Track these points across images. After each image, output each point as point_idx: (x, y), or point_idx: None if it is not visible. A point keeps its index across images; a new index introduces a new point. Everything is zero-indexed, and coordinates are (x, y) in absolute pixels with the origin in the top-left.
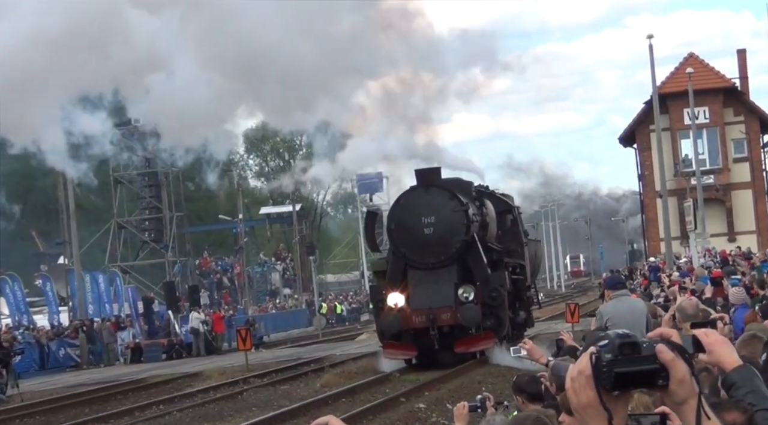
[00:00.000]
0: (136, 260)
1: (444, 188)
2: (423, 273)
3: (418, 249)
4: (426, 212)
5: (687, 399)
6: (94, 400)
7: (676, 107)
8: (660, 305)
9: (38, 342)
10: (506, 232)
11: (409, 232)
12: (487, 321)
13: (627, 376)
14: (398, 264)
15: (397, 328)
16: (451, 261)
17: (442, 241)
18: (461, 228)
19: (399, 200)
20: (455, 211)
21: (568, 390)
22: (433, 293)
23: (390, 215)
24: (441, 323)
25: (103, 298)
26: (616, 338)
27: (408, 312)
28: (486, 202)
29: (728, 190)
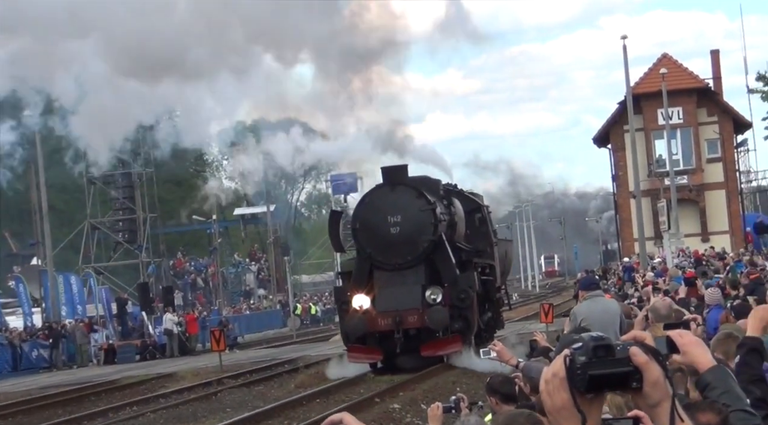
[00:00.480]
0: (109, 261)
1: (411, 187)
2: (389, 274)
3: (383, 249)
4: (392, 211)
5: (661, 402)
6: (68, 401)
7: (649, 107)
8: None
9: (11, 343)
10: (475, 232)
11: (374, 232)
12: (455, 324)
13: (601, 378)
14: (363, 265)
15: (362, 331)
16: (418, 262)
17: (409, 241)
18: (428, 228)
19: (364, 198)
20: (422, 210)
21: (542, 393)
22: (399, 295)
23: (355, 215)
24: (407, 325)
25: (76, 299)
26: (590, 340)
27: (373, 315)
28: (454, 201)
29: (702, 190)
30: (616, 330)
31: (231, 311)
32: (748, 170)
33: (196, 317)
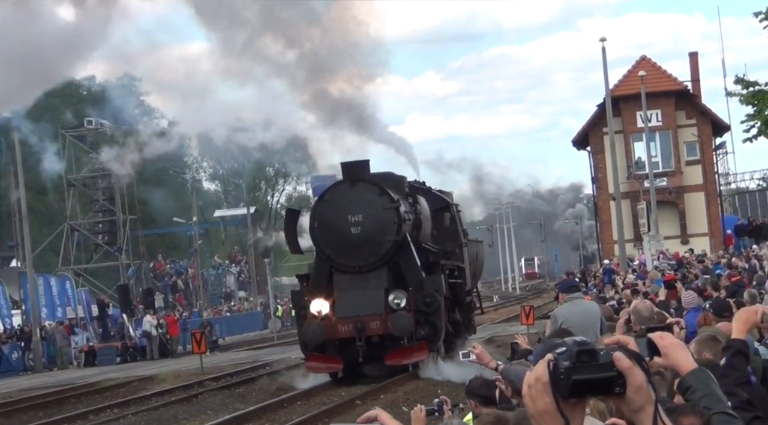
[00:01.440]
0: (89, 263)
1: (373, 183)
2: (350, 277)
3: (344, 251)
4: (353, 209)
5: (644, 406)
6: (48, 404)
7: (628, 109)
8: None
9: None
10: (443, 232)
11: (334, 232)
12: (420, 330)
13: (584, 383)
14: (322, 267)
15: (321, 338)
16: (381, 264)
17: (371, 241)
18: (392, 227)
19: (323, 196)
20: (385, 208)
21: (525, 397)
22: (361, 300)
23: (313, 213)
24: (370, 332)
25: (56, 301)
26: (574, 345)
27: (333, 321)
28: (419, 199)
29: (681, 192)
30: (596, 332)
31: (212, 313)
32: (727, 172)
33: (176, 320)
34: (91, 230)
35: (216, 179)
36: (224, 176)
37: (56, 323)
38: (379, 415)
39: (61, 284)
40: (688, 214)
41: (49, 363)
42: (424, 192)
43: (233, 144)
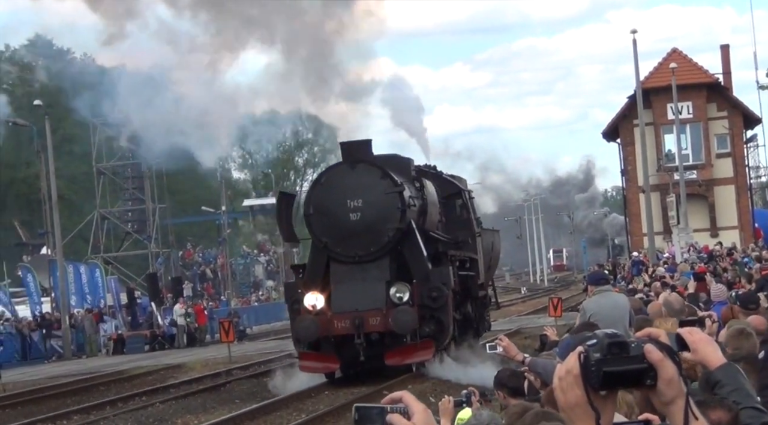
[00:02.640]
0: (118, 251)
1: (374, 165)
2: (348, 268)
3: (342, 239)
4: (352, 193)
5: (675, 399)
6: (77, 391)
7: (659, 102)
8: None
9: (20, 332)
10: (454, 220)
11: (331, 218)
12: (425, 327)
13: (615, 376)
14: (319, 257)
15: (315, 335)
16: (383, 254)
17: (372, 229)
18: (395, 213)
19: (319, 178)
20: (388, 193)
21: (555, 389)
22: (359, 293)
23: (308, 198)
24: (369, 329)
25: (85, 289)
26: (605, 337)
27: (328, 316)
28: (426, 183)
29: (711, 185)
30: (625, 325)
31: (239, 302)
32: (758, 165)
33: (203, 308)
34: (120, 218)
35: (245, 169)
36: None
37: (85, 310)
38: (404, 397)
39: (90, 272)
40: (717, 207)
41: (77, 350)
42: (434, 177)
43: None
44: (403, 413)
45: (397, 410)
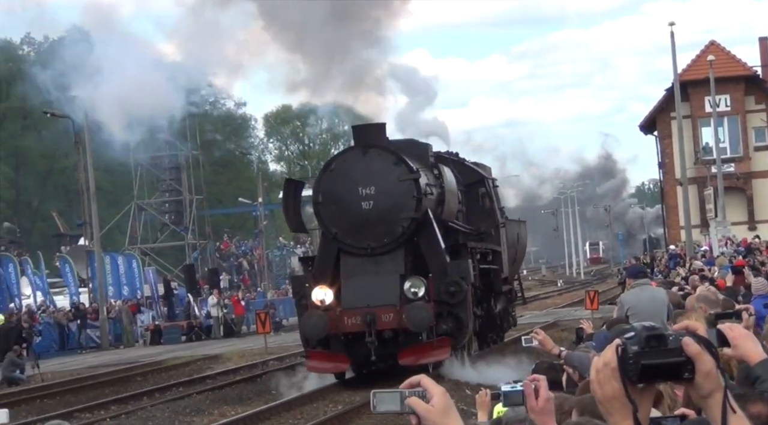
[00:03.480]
0: (155, 243)
1: (388, 150)
2: (360, 261)
3: (353, 229)
4: (364, 180)
5: (713, 393)
6: (114, 381)
7: (697, 94)
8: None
9: (58, 323)
10: (476, 209)
11: (341, 207)
12: (442, 324)
13: (653, 368)
14: (328, 249)
15: (323, 333)
16: (397, 245)
17: (385, 219)
18: (410, 202)
19: (329, 164)
20: (402, 180)
21: (592, 382)
22: (371, 288)
23: (317, 185)
24: (381, 326)
25: (123, 280)
26: (643, 330)
27: (338, 312)
28: (444, 170)
29: (749, 178)
30: (663, 319)
31: (276, 294)
32: None
33: (239, 300)
34: (157, 209)
35: (282, 161)
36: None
37: (122, 301)
38: (422, 380)
39: (127, 263)
40: (756, 200)
41: (115, 341)
42: (455, 164)
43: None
44: (422, 396)
45: (416, 394)
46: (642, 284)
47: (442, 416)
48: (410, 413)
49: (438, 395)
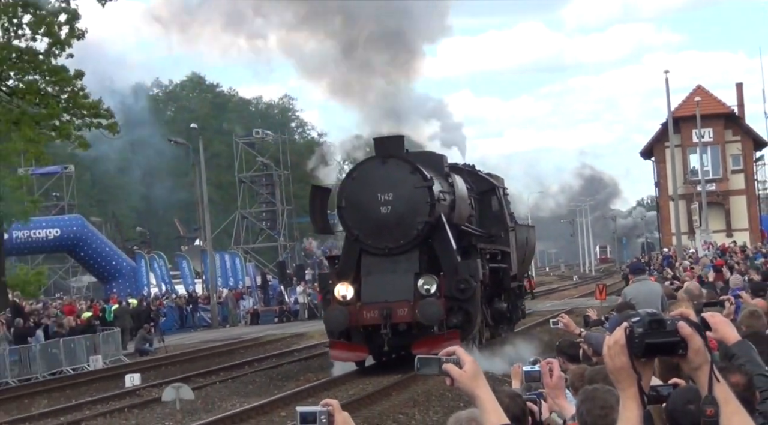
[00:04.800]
0: (254, 244)
1: (404, 160)
2: (378, 260)
3: (372, 231)
4: (383, 187)
5: (701, 366)
6: (222, 353)
7: (686, 128)
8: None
9: (179, 307)
10: (488, 215)
11: (362, 211)
12: (452, 318)
13: (655, 346)
14: (352, 249)
15: (344, 325)
16: (413, 246)
17: (402, 222)
18: (424, 207)
19: (351, 173)
20: (417, 187)
21: (604, 356)
22: (388, 285)
23: (341, 191)
24: (397, 319)
25: (229, 273)
26: (646, 315)
27: (358, 306)
28: (456, 178)
29: (727, 195)
30: (658, 307)
31: None
32: (765, 179)
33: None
34: (256, 217)
35: None
36: None
37: (228, 290)
38: (456, 350)
39: (232, 259)
40: (732, 213)
41: (222, 321)
42: (469, 174)
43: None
44: (456, 363)
45: (451, 361)
46: (642, 279)
47: (472, 379)
48: (446, 375)
49: (469, 363)
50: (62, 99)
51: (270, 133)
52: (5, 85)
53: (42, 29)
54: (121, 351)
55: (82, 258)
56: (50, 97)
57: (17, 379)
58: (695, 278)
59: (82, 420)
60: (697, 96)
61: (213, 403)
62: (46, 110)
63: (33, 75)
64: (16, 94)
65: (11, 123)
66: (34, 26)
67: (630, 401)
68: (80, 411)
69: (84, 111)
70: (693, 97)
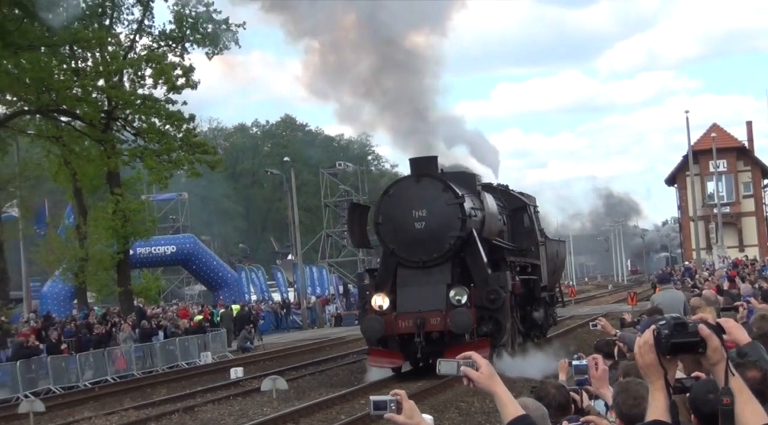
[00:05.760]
0: (338, 258)
1: (437, 179)
2: (413, 272)
3: (407, 246)
4: (417, 204)
5: (719, 362)
6: (311, 350)
7: (704, 159)
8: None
9: (274, 311)
10: (520, 230)
11: (398, 227)
12: (483, 327)
13: (679, 345)
14: (388, 262)
15: (380, 333)
16: (445, 259)
17: (435, 237)
18: (456, 223)
19: (388, 190)
20: (449, 204)
21: (636, 354)
22: (422, 295)
23: (378, 208)
24: (430, 328)
25: (316, 283)
26: (671, 319)
27: (393, 316)
28: (485, 196)
29: (739, 217)
30: (681, 312)
31: None
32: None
33: None
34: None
35: None
36: None
37: (316, 297)
38: (472, 356)
39: (319, 271)
40: (744, 231)
41: (311, 323)
42: (503, 193)
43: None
44: (472, 366)
45: (468, 364)
46: (667, 288)
47: (488, 379)
48: (464, 377)
49: (484, 365)
50: (177, 138)
51: (350, 165)
52: (131, 126)
53: (161, 79)
54: (226, 349)
55: (194, 270)
56: (167, 137)
57: (141, 372)
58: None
59: (194, 406)
60: (713, 132)
61: (303, 392)
62: (164, 147)
63: (153, 118)
64: (140, 133)
65: (136, 157)
66: (155, 77)
67: (658, 392)
68: (193, 399)
69: (195, 148)
70: (709, 133)
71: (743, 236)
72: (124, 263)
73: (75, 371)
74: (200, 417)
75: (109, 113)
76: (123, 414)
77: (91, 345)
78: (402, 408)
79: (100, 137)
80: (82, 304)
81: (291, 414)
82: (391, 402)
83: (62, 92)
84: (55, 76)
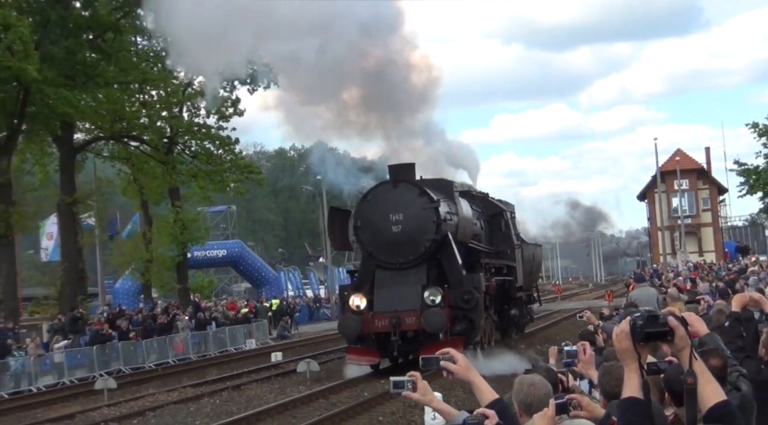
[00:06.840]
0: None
1: (413, 184)
2: (390, 274)
3: (385, 248)
4: (394, 209)
5: (684, 348)
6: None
7: (670, 179)
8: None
9: (308, 305)
10: (497, 235)
11: (375, 230)
12: (457, 326)
13: (651, 334)
14: (367, 264)
15: (356, 332)
16: (421, 261)
17: (411, 240)
18: (430, 226)
19: (366, 196)
20: (425, 208)
21: (614, 341)
22: (398, 296)
23: (356, 212)
24: (405, 327)
25: (344, 282)
26: (645, 312)
27: (370, 316)
28: (460, 201)
29: (699, 227)
30: (654, 306)
31: None
32: (726, 216)
33: None
34: None
35: None
36: None
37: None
38: (450, 351)
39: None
40: (703, 239)
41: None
42: (481, 200)
43: None
44: (450, 360)
45: (446, 359)
46: (643, 285)
47: (466, 370)
48: (444, 370)
49: (460, 359)
50: (227, 160)
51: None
52: (189, 150)
53: (214, 110)
54: (268, 336)
55: (241, 271)
56: (218, 158)
57: (196, 355)
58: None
59: (241, 384)
60: (677, 156)
61: (333, 373)
62: (215, 167)
63: (206, 142)
64: (196, 156)
65: (192, 176)
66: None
67: (632, 373)
68: (239, 378)
69: (243, 169)
70: (674, 157)
71: (702, 243)
72: (183, 264)
73: (141, 354)
74: (246, 394)
75: (171, 139)
76: (182, 391)
77: (155, 333)
78: (417, 387)
79: (163, 159)
80: (148, 298)
81: (323, 392)
82: (408, 382)
83: (132, 122)
84: (126, 108)
